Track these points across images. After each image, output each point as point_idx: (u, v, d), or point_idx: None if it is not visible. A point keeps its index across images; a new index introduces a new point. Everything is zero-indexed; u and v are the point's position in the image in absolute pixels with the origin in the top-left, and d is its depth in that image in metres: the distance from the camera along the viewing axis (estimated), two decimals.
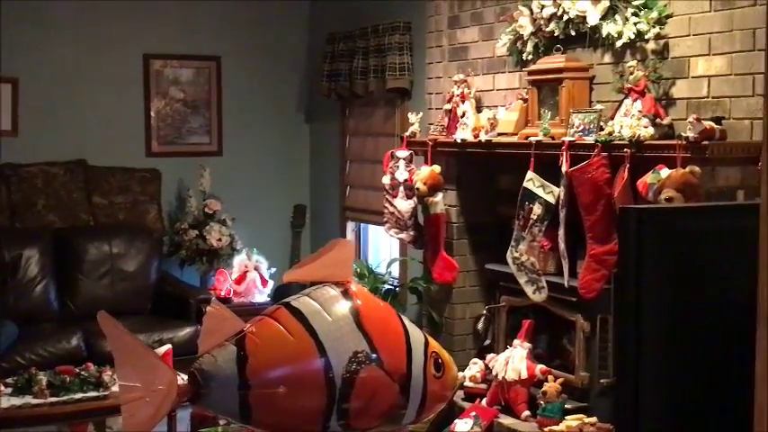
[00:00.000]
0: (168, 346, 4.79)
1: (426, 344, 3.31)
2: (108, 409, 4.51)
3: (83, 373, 4.56)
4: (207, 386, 2.99)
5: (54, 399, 4.37)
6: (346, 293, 3.27)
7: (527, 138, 4.34)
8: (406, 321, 3.36)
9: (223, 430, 4.45)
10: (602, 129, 3.95)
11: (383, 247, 6.39)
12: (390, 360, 3.18)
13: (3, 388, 4.44)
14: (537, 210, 4.27)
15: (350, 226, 6.63)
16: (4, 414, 4.25)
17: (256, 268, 6.35)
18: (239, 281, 6.30)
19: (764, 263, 1.33)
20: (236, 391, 2.99)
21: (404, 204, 5.08)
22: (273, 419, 3.12)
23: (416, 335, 3.34)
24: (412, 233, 5.12)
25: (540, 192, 4.26)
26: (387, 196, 5.14)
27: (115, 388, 4.49)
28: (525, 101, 4.53)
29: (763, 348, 1.37)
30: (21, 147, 6.09)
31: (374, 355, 3.14)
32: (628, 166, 3.73)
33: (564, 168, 4.05)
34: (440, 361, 3.32)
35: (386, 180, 5.13)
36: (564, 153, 4.05)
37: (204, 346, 3.08)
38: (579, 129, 4.06)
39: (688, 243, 1.40)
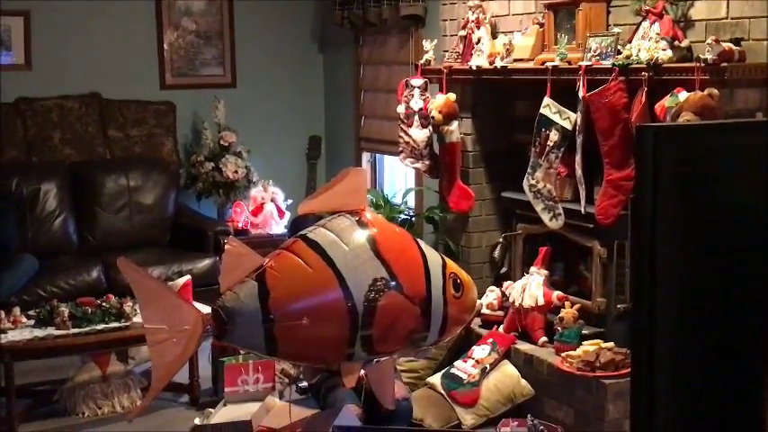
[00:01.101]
0: (187, 278, 4.84)
1: (444, 265, 3.32)
2: (129, 339, 4.57)
3: (104, 304, 4.61)
4: (231, 322, 2.99)
5: (76, 330, 4.42)
6: (361, 222, 3.27)
7: (543, 63, 4.29)
8: (423, 245, 3.36)
9: (243, 359, 4.51)
10: (619, 52, 3.90)
11: (399, 178, 6.38)
12: (410, 284, 3.20)
13: (25, 320, 4.49)
14: (554, 136, 4.25)
15: (365, 156, 6.62)
16: (27, 345, 4.31)
17: (273, 200, 6.36)
18: (256, 212, 6.32)
19: None
20: (261, 326, 2.99)
21: (419, 133, 5.05)
22: (298, 350, 3.15)
23: (434, 257, 3.35)
24: (427, 162, 5.10)
25: (556, 118, 4.22)
26: (402, 126, 5.11)
27: (136, 318, 4.55)
28: (541, 25, 4.47)
29: None
30: (35, 81, 6.08)
31: (393, 281, 3.15)
32: (645, 89, 3.69)
33: (581, 93, 4.01)
34: (459, 281, 3.33)
35: (400, 109, 5.09)
36: (581, 78, 4.01)
37: (225, 284, 3.08)
38: (596, 53, 4.01)
39: (706, 161, 1.37)
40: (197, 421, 4.19)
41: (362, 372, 3.99)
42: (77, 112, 6.17)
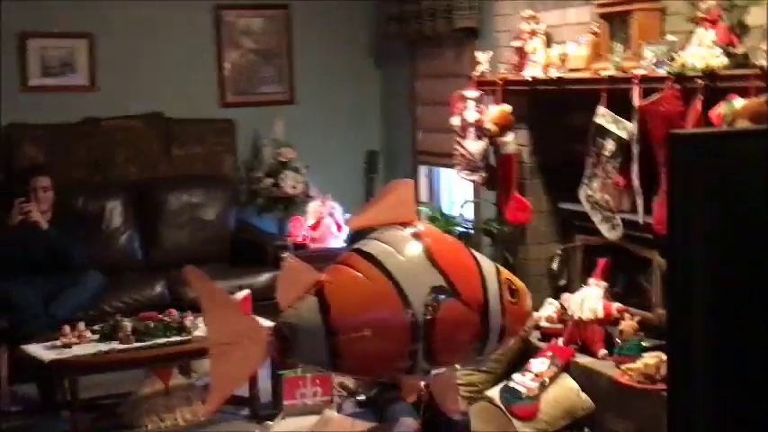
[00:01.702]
0: (247, 292, 4.90)
1: (498, 272, 3.33)
2: (190, 352, 4.64)
3: (166, 318, 4.69)
4: (294, 339, 3.00)
5: (139, 344, 4.51)
6: (414, 232, 3.29)
7: (598, 72, 4.26)
8: (475, 253, 3.38)
9: (302, 372, 4.55)
10: (674, 60, 3.86)
11: (457, 191, 6.38)
12: (467, 291, 3.20)
13: (90, 335, 4.59)
14: (609, 146, 4.21)
15: (422, 170, 6.63)
16: (91, 360, 4.41)
17: (331, 214, 6.40)
18: (315, 227, 6.37)
19: None
20: (324, 340, 3.00)
21: (474, 145, 5.05)
22: (361, 364, 3.16)
23: (487, 265, 3.36)
24: (483, 174, 5.09)
25: (612, 127, 4.18)
26: (457, 138, 5.11)
27: (197, 332, 4.62)
28: (596, 35, 4.43)
29: None
30: (99, 101, 6.23)
31: (451, 289, 3.16)
32: (701, 97, 3.64)
33: (636, 102, 3.97)
34: (513, 287, 3.34)
35: (455, 121, 5.10)
36: (636, 87, 3.97)
37: (284, 301, 3.09)
38: (651, 61, 3.97)
39: (738, 166, 1.35)
40: None
41: (421, 385, 4.02)
42: (141, 132, 6.30)
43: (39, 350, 4.47)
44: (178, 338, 4.59)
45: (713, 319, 1.44)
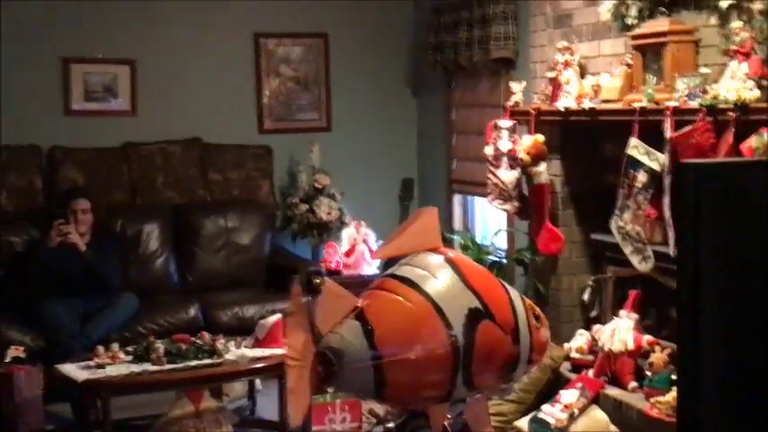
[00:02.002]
0: (278, 316, 4.94)
1: (522, 297, 3.39)
2: (221, 375, 4.69)
3: (198, 341, 4.73)
4: (339, 363, 3.00)
5: (170, 366, 4.54)
6: (443, 256, 3.32)
7: (631, 104, 4.26)
8: (499, 279, 3.43)
9: (331, 398, 4.57)
10: (706, 93, 3.85)
11: (491, 220, 6.39)
12: (500, 314, 3.25)
13: (123, 356, 4.65)
14: (641, 177, 4.20)
15: (456, 198, 6.65)
16: (124, 380, 4.46)
17: (365, 241, 6.44)
18: (349, 253, 6.40)
19: None
20: (370, 364, 3.00)
21: (507, 175, 5.06)
22: (405, 389, 3.14)
23: (512, 289, 3.41)
24: (516, 204, 5.10)
25: (644, 159, 4.18)
26: (490, 167, 5.13)
27: (228, 356, 4.67)
28: (629, 66, 4.45)
29: None
30: (140, 126, 6.34)
31: (486, 311, 3.19)
32: (733, 130, 3.63)
33: (668, 134, 3.97)
34: (536, 312, 3.40)
35: (489, 151, 5.12)
36: (668, 118, 3.97)
37: (325, 326, 3.10)
38: (684, 93, 3.97)
39: (746, 196, 1.37)
40: None
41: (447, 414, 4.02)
42: (179, 156, 6.39)
43: (73, 370, 4.53)
44: (209, 361, 4.63)
45: (723, 348, 1.45)
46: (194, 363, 4.60)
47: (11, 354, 4.97)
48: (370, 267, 6.39)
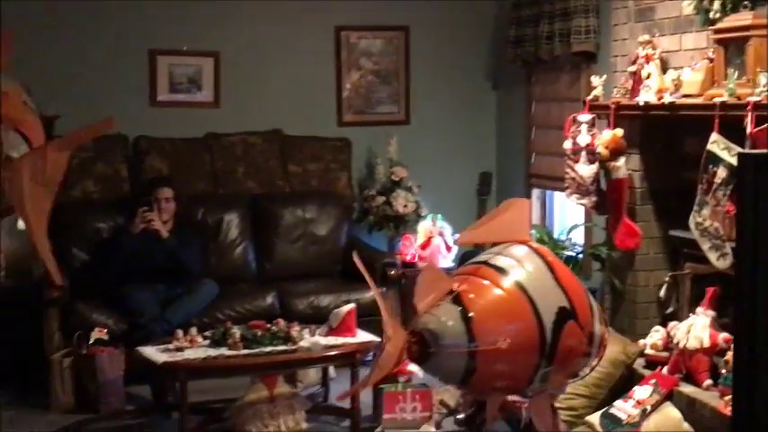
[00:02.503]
0: (352, 306, 5.00)
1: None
2: (295, 361, 4.78)
3: (273, 328, 4.83)
4: (435, 345, 3.02)
5: (246, 351, 4.65)
6: (536, 251, 3.30)
7: (712, 99, 4.19)
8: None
9: (402, 387, 4.60)
10: None
11: (570, 215, 6.34)
12: (583, 315, 3.22)
13: (201, 340, 4.77)
14: (721, 173, 4.12)
15: (535, 193, 6.62)
16: (201, 364, 4.58)
17: (441, 234, 6.45)
18: (424, 246, 6.42)
19: None
20: (466, 348, 3.02)
21: (586, 169, 5.02)
22: (489, 380, 3.17)
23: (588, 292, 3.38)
24: (594, 199, 5.06)
25: (724, 154, 4.10)
26: (568, 161, 5.10)
27: (303, 343, 4.75)
28: (711, 61, 4.37)
29: None
30: (222, 117, 6.47)
31: (572, 311, 3.17)
32: None
33: (748, 129, 3.89)
34: (603, 315, 3.38)
35: (567, 145, 5.09)
36: (749, 114, 3.89)
37: (423, 307, 3.12)
38: (766, 88, 3.88)
39: None
40: None
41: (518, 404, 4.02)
42: (260, 147, 6.50)
43: (153, 352, 4.66)
44: (284, 348, 4.72)
45: None
46: (269, 349, 4.70)
47: (94, 336, 5.17)
48: (446, 260, 6.40)
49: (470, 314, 3.02)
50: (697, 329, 4.28)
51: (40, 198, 2.60)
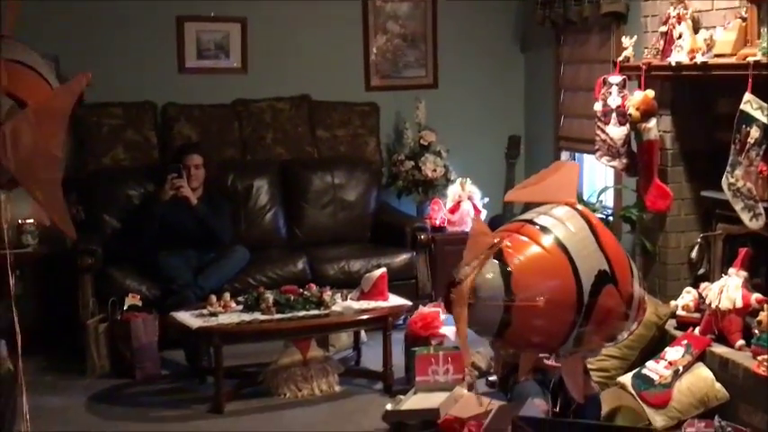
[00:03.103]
0: (383, 270, 5.03)
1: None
2: (328, 326, 4.82)
3: (305, 292, 4.87)
4: (474, 296, 3.08)
5: (279, 315, 4.70)
6: (581, 213, 3.31)
7: (745, 58, 4.15)
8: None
9: (434, 350, 4.64)
10: None
11: (598, 177, 6.32)
12: (623, 281, 3.23)
13: (234, 305, 4.82)
14: (754, 133, 4.10)
15: (564, 155, 6.59)
16: (236, 329, 4.63)
17: (470, 198, 6.45)
18: (453, 210, 6.43)
19: None
20: (501, 303, 3.05)
21: (616, 131, 5.00)
22: (523, 334, 3.19)
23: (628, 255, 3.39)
24: (624, 161, 5.04)
25: (757, 114, 4.08)
26: (598, 123, 5.07)
27: (335, 307, 4.79)
28: (744, 20, 4.32)
29: None
30: (250, 84, 6.47)
31: (612, 275, 3.18)
32: None
33: None
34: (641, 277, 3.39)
35: (598, 107, 5.06)
36: None
37: (467, 259, 3.17)
38: None
39: None
40: (388, 407, 4.36)
41: (553, 365, 4.05)
42: (288, 113, 6.50)
43: (187, 318, 4.72)
44: (317, 312, 4.76)
45: None
46: (302, 313, 4.74)
47: (128, 302, 5.23)
48: None
49: (509, 269, 3.05)
50: (729, 290, 4.27)
51: (38, 166, 2.58)
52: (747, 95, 4.09)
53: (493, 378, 4.77)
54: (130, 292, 5.29)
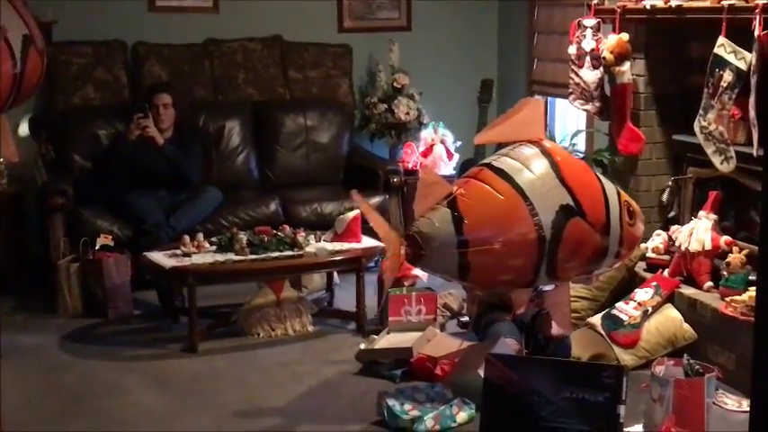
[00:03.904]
0: (357, 212, 5.03)
1: (619, 194, 3.43)
2: (301, 267, 4.83)
3: (279, 233, 4.87)
4: (427, 247, 3.13)
5: (253, 256, 4.70)
6: (544, 151, 3.34)
7: (720, 2, 4.16)
8: (598, 173, 3.46)
9: (407, 291, 4.68)
10: None
11: (571, 121, 6.35)
12: (592, 212, 3.30)
13: (208, 246, 4.82)
14: (727, 77, 4.13)
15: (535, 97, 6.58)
16: (209, 269, 4.63)
17: (442, 142, 6.47)
18: (426, 154, 6.45)
19: None
20: (455, 251, 3.12)
21: (590, 75, 5.01)
22: (488, 275, 3.28)
23: (610, 187, 3.46)
24: (598, 104, 5.05)
25: (731, 58, 4.10)
26: (572, 66, 5.08)
27: (308, 248, 4.80)
28: None
29: None
30: (222, 23, 6.38)
31: (577, 208, 3.24)
32: None
33: (756, 32, 3.87)
34: (631, 209, 3.45)
35: (572, 50, 5.06)
36: (757, 16, 3.87)
37: (419, 211, 3.22)
38: None
39: None
40: (362, 346, 4.41)
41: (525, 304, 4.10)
42: (260, 54, 6.44)
43: (160, 258, 4.72)
44: (290, 253, 4.77)
45: None
46: (275, 254, 4.75)
47: (100, 242, 5.21)
48: (447, 168, 6.44)
49: (461, 216, 3.11)
50: (699, 232, 4.34)
51: None
52: (721, 39, 4.11)
53: (465, 319, 4.82)
54: (102, 233, 5.27)
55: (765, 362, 1.59)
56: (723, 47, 4.11)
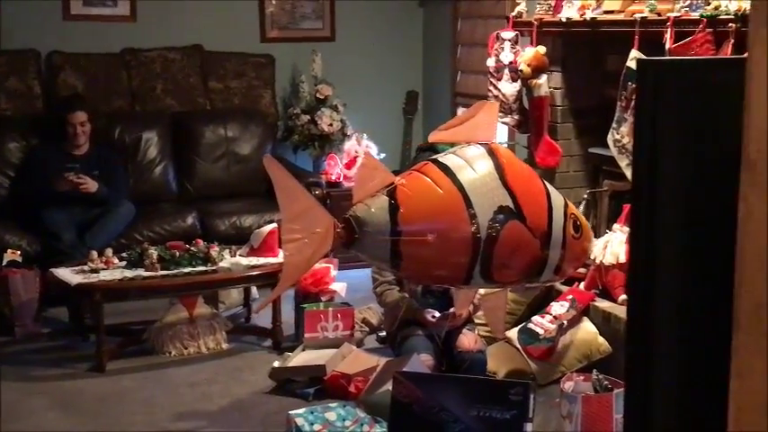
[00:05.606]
0: (273, 225, 4.93)
1: (566, 205, 3.40)
2: (215, 282, 4.72)
3: (192, 248, 4.75)
4: (361, 232, 3.11)
5: (164, 272, 4.58)
6: (491, 152, 3.34)
7: (632, 15, 4.16)
8: (547, 184, 3.44)
9: (324, 306, 4.60)
10: (709, 3, 3.75)
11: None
12: (533, 217, 3.28)
13: (117, 261, 4.68)
14: None
15: (460, 111, 6.56)
16: (117, 285, 4.49)
17: (366, 153, 6.39)
18: (349, 165, 6.37)
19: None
20: (388, 238, 3.11)
21: (509, 87, 4.99)
22: (420, 268, 3.29)
23: (557, 197, 3.43)
24: (517, 117, 5.03)
25: None
26: (491, 79, 5.06)
27: (223, 263, 4.69)
28: None
29: None
30: (139, 32, 6.26)
31: (517, 211, 3.21)
32: (732, 41, 3.55)
33: (668, 45, 3.88)
34: (578, 223, 3.42)
35: (490, 62, 5.03)
36: (669, 29, 3.88)
37: (358, 196, 3.21)
38: (686, 4, 3.87)
39: (704, 95, 1.32)
40: (276, 364, 4.31)
41: (436, 321, 4.05)
42: (180, 64, 6.32)
43: (67, 274, 4.57)
44: (203, 268, 4.65)
45: (679, 261, 1.43)
46: (188, 269, 4.63)
47: (7, 257, 5.03)
48: None
49: (397, 205, 3.10)
50: (613, 245, 4.33)
51: None
52: (633, 52, 4.11)
53: (383, 334, 4.75)
54: (9, 248, 5.09)
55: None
56: (635, 60, 4.10)
